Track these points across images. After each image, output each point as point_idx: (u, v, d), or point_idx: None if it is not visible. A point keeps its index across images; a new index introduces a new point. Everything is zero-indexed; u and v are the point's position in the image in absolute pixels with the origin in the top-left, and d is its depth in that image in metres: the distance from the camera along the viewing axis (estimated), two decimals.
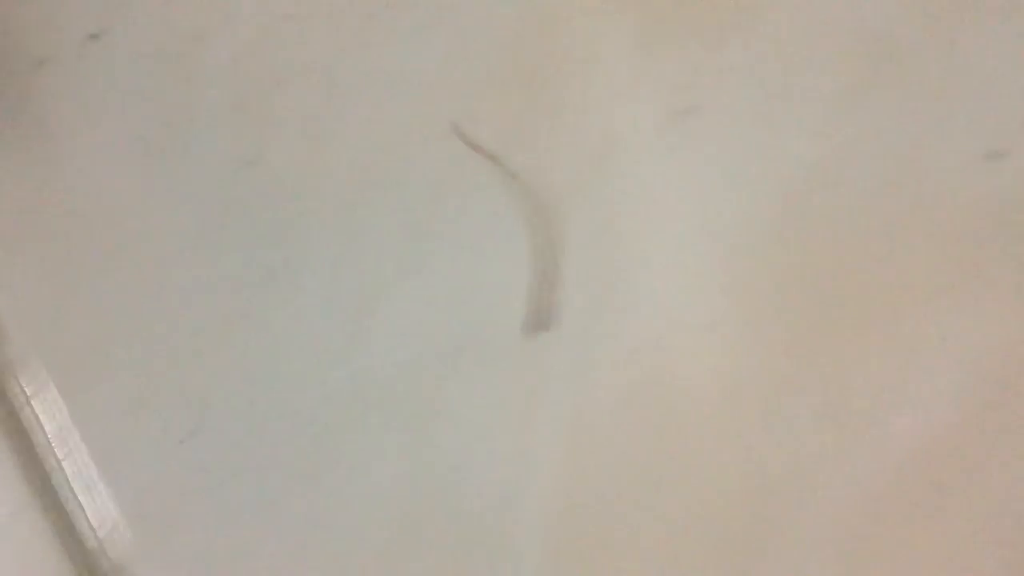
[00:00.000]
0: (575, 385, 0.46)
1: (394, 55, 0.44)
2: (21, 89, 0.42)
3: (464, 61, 0.45)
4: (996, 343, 0.48)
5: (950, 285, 0.48)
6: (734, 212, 0.46)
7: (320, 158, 0.43)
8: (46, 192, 0.42)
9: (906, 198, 0.48)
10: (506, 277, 0.45)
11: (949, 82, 0.49)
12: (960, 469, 0.47)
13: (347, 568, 0.42)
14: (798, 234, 0.47)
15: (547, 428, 0.45)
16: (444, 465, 0.43)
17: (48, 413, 0.40)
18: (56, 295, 0.41)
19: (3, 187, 0.43)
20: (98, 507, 0.40)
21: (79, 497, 0.39)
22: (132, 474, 0.41)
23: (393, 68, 0.44)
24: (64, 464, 0.40)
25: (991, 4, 0.49)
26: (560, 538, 0.44)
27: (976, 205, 0.48)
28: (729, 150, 0.46)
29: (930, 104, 0.49)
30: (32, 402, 0.39)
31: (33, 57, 0.42)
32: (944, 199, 0.48)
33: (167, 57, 0.41)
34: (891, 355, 0.47)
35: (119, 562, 0.38)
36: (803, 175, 0.48)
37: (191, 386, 0.41)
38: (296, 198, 0.42)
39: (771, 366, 0.46)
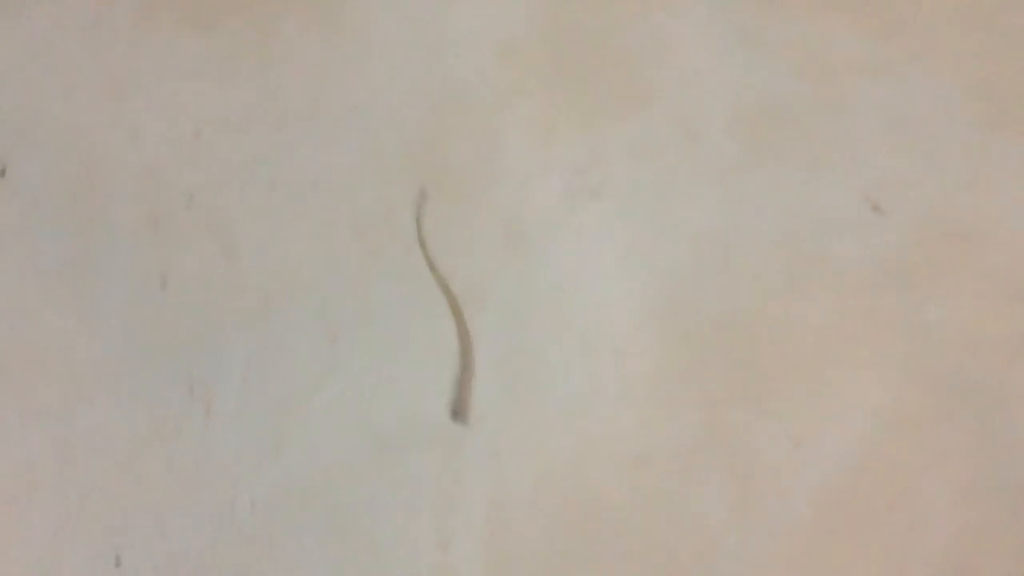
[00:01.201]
0: (492, 473, 0.46)
1: (306, 161, 0.44)
2: None
3: (375, 162, 0.45)
4: (889, 386, 0.51)
5: (845, 332, 0.51)
6: (640, 284, 0.49)
7: (232, 270, 0.42)
8: None
9: (802, 252, 0.51)
10: (424, 371, 0.45)
11: (835, 143, 0.52)
12: (865, 511, 0.49)
13: None
14: (702, 299, 0.49)
15: (466, 518, 0.45)
16: (368, 559, 0.43)
17: None
18: None
19: None
20: None
21: None
22: None
23: (306, 174, 0.44)
24: None
25: (872, 66, 0.52)
26: None
27: (864, 254, 0.52)
28: (633, 225, 0.48)
29: (818, 165, 0.52)
30: None
31: None
32: (836, 250, 0.51)
33: (75, 184, 0.40)
34: (794, 406, 0.49)
35: None
36: (705, 240, 0.50)
37: (115, 510, 0.40)
38: (210, 311, 0.42)
39: (680, 433, 0.48)
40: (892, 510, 0.50)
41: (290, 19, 0.45)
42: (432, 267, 0.45)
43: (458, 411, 0.46)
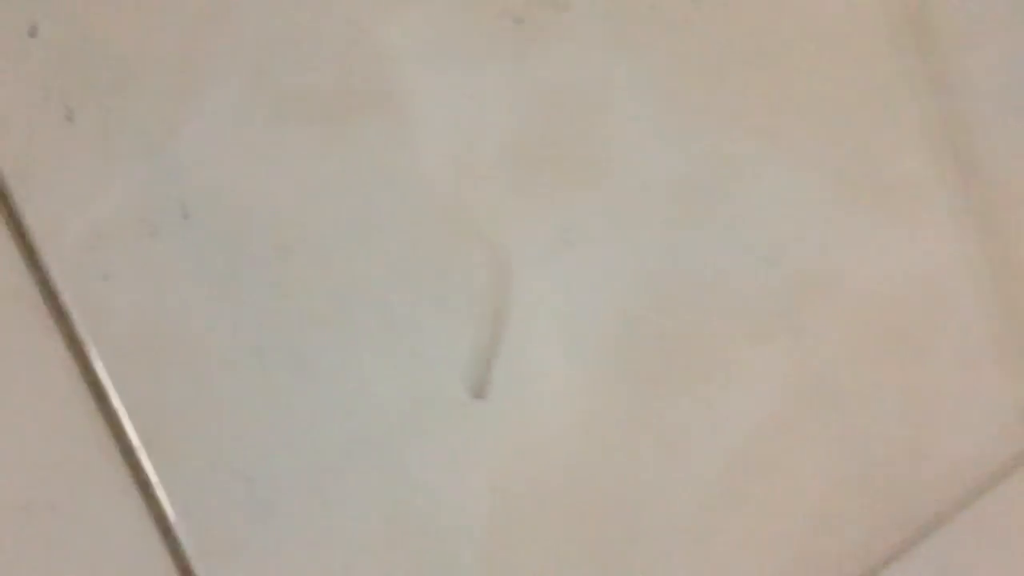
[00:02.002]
0: (488, 448, 0.57)
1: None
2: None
3: (384, 223, 0.57)
4: (778, 386, 0.65)
5: (745, 349, 0.64)
6: (599, 308, 0.61)
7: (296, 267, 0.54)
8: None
9: (722, 288, 0.64)
10: (436, 355, 0.56)
11: (738, 208, 0.65)
12: (769, 464, 0.63)
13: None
14: (643, 320, 0.62)
15: (478, 483, 0.56)
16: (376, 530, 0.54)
17: None
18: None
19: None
20: None
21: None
22: None
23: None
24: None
25: (759, 153, 0.65)
26: (495, 551, 0.56)
27: (762, 293, 0.65)
28: (597, 267, 0.61)
29: (728, 225, 0.64)
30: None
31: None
32: (742, 290, 0.65)
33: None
34: (709, 394, 0.63)
35: None
36: (649, 278, 0.63)
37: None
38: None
39: (619, 412, 0.61)
40: (775, 471, 0.63)
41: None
42: None
43: (479, 390, 0.56)
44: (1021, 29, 0.73)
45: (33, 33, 0.49)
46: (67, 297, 0.49)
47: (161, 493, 0.50)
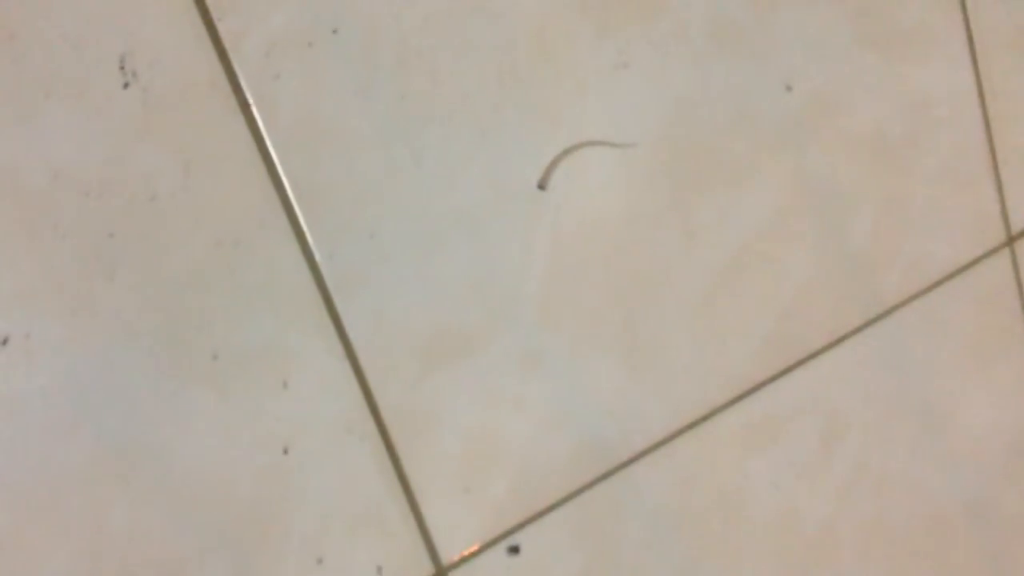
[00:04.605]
0: (556, 226, 0.71)
1: None
2: None
3: (483, 49, 0.74)
4: (790, 181, 0.77)
5: (760, 148, 0.76)
6: (645, 124, 0.73)
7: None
8: None
9: (737, 111, 0.76)
10: (517, 151, 0.70)
11: (764, 44, 0.77)
12: (766, 255, 0.76)
13: None
14: (679, 135, 0.74)
15: (539, 251, 0.70)
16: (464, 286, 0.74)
17: None
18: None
19: None
20: None
21: None
22: None
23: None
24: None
25: None
26: (549, 297, 0.71)
27: (777, 120, 0.79)
28: (646, 89, 0.73)
29: (755, 59, 0.78)
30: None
31: None
32: (755, 118, 0.77)
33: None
34: (726, 192, 0.76)
35: None
36: (687, 100, 0.74)
37: None
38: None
39: (657, 206, 0.74)
40: (770, 261, 0.77)
41: None
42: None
43: (543, 182, 0.68)
44: None
45: None
46: (248, 91, 0.64)
47: (311, 239, 0.68)
